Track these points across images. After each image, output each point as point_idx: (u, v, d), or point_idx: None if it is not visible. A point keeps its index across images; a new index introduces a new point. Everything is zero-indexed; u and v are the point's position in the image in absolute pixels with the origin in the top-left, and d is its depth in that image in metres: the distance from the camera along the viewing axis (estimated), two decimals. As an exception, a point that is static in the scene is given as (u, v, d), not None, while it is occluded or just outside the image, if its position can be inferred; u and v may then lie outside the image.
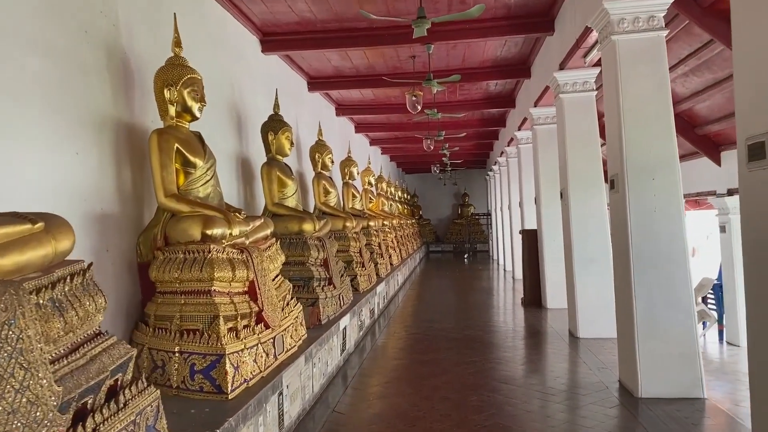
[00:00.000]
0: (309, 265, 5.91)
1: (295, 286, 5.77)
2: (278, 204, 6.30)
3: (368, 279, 8.55)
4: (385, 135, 16.14)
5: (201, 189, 4.20)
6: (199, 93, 4.25)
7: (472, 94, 11.39)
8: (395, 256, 12.82)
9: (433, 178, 26.14)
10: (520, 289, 11.81)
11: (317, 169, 8.65)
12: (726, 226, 7.31)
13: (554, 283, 9.18)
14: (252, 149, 6.83)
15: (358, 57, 8.66)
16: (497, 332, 7.54)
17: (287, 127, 6.47)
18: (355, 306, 6.85)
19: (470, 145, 18.81)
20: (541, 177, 9.36)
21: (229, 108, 6.35)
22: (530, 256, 9.86)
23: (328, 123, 11.32)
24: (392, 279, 11.04)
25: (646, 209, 4.73)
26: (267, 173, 6.29)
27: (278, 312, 4.24)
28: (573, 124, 7.11)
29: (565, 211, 7.29)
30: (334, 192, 8.70)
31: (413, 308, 9.91)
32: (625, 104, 4.80)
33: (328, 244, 6.45)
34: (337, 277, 6.51)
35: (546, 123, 9.37)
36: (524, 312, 9.19)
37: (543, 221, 9.31)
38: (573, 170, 7.08)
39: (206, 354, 3.42)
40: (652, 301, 4.69)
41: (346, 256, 8.14)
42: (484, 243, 25.13)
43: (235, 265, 3.79)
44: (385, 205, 15.37)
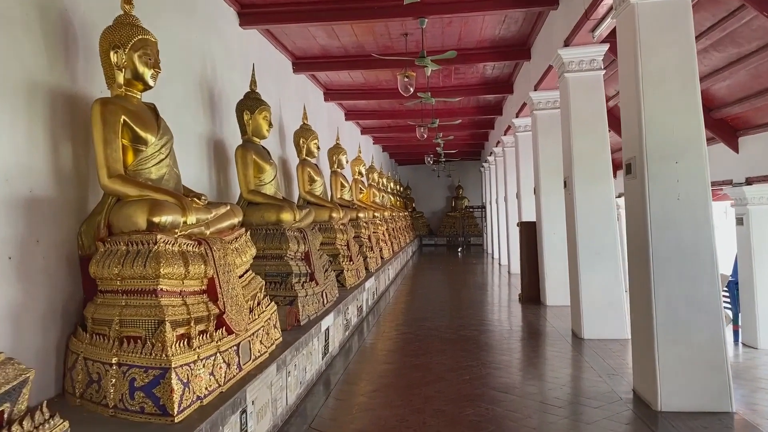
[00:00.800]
0: (287, 259, 5.31)
1: (272, 282, 5.18)
2: (254, 191, 5.68)
3: (356, 274, 7.96)
4: (377, 123, 15.51)
5: (153, 169, 3.58)
6: (152, 58, 3.63)
7: (468, 78, 10.78)
8: (386, 249, 12.24)
9: (426, 170, 25.52)
10: (516, 284, 11.25)
11: (302, 155, 8.04)
12: (744, 218, 6.78)
13: (554, 279, 8.63)
14: (227, 131, 6.21)
15: (346, 34, 8.03)
16: (494, 332, 6.97)
17: (265, 106, 5.84)
18: (341, 304, 6.26)
19: (465, 135, 18.20)
20: (542, 166, 8.78)
21: (200, 84, 5.72)
22: (528, 249, 9.30)
23: (315, 108, 10.69)
24: (383, 273, 10.45)
25: (668, 196, 4.15)
26: (242, 156, 5.67)
27: (244, 314, 3.64)
28: (578, 106, 6.52)
29: (569, 202, 6.71)
30: (320, 180, 8.09)
31: (405, 304, 9.33)
32: (646, 78, 4.21)
33: (311, 236, 5.85)
34: (321, 272, 5.91)
35: (547, 108, 8.78)
36: (522, 309, 8.62)
37: (543, 213, 8.74)
38: (578, 157, 6.50)
39: (148, 367, 2.81)
40: (674, 300, 4.12)
41: (331, 249, 7.54)
42: (478, 236, 24.57)
43: (189, 259, 3.18)
44: (377, 196, 14.76)
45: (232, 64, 6.57)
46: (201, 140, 5.61)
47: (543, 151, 8.78)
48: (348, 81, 10.79)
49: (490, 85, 11.25)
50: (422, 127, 12.47)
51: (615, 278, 6.42)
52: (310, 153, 8.01)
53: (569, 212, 6.75)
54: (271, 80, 8.06)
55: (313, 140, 8.00)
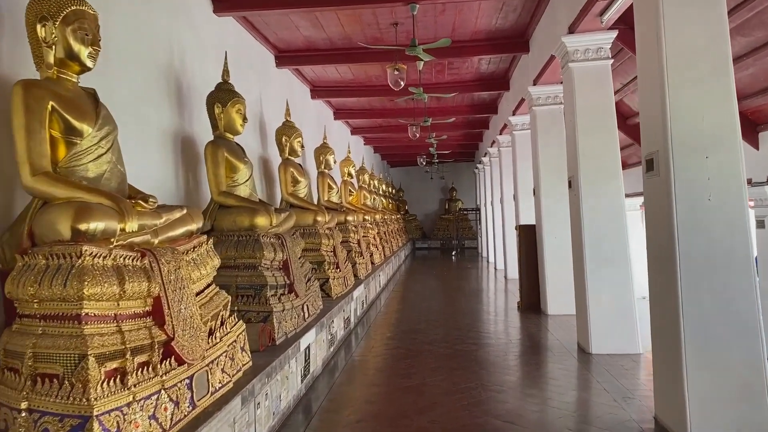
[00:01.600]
0: (262, 269, 4.71)
1: (243, 296, 4.59)
2: (226, 193, 5.08)
3: (343, 282, 7.36)
4: (368, 123, 14.94)
5: (91, 166, 2.98)
6: (89, 33, 3.03)
7: (462, 74, 10.22)
8: (377, 254, 11.65)
9: (419, 172, 24.98)
10: (514, 290, 10.70)
11: (284, 154, 7.46)
12: (765, 221, 6.29)
13: (556, 286, 8.08)
14: (198, 127, 5.61)
15: (332, 24, 7.45)
16: (493, 346, 6.40)
17: (238, 99, 5.25)
18: (324, 317, 5.66)
19: (458, 135, 17.65)
20: (542, 165, 8.23)
21: (166, 74, 5.13)
22: (527, 254, 8.74)
23: (302, 106, 10.11)
24: (373, 280, 9.87)
25: (698, 196, 3.59)
26: (212, 154, 5.07)
27: (201, 339, 3.04)
28: (585, 98, 5.96)
29: (575, 204, 6.15)
30: (304, 181, 7.50)
31: (396, 314, 8.74)
32: (670, 60, 3.65)
33: (290, 243, 5.25)
34: (301, 282, 5.32)
35: (547, 103, 8.23)
36: (522, 319, 8.06)
37: (543, 215, 8.18)
38: (584, 154, 5.94)
39: (64, 415, 2.21)
40: (706, 314, 3.56)
41: (316, 255, 6.95)
42: (472, 239, 24.02)
43: (126, 275, 2.58)
44: (368, 198, 14.16)
45: (204, 54, 5.98)
46: (165, 136, 5.01)
47: (543, 150, 8.22)
48: (336, 77, 10.21)
49: (486, 82, 10.69)
50: (414, 126, 11.91)
51: (625, 287, 5.87)
52: (294, 152, 7.43)
53: (574, 215, 6.20)
54: (252, 74, 7.47)
55: (297, 138, 7.43)
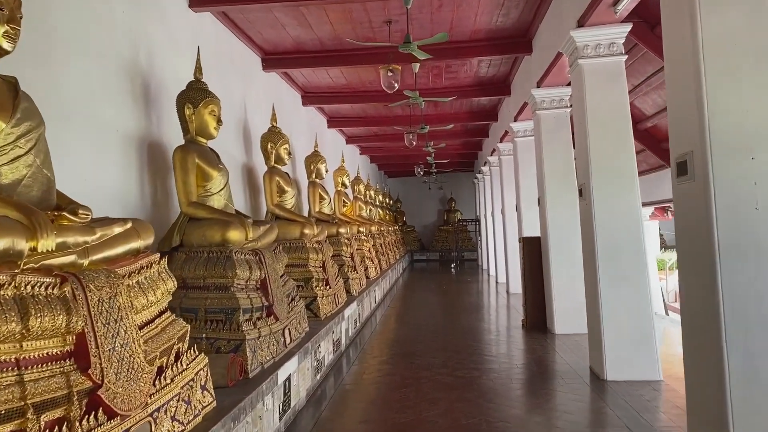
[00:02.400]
0: (234, 290, 4.13)
1: (213, 321, 4.02)
2: (197, 204, 4.52)
3: (333, 300, 6.78)
4: (363, 131, 14.42)
5: (5, 170, 2.42)
6: (4, 8, 2.48)
7: (461, 78, 9.70)
8: (373, 268, 11.07)
9: (417, 183, 24.45)
10: (517, 306, 10.12)
11: (270, 162, 6.93)
12: None
13: (564, 303, 7.51)
14: (169, 131, 5.06)
15: (321, 23, 6.93)
16: (498, 372, 5.80)
17: (212, 99, 4.70)
18: (309, 341, 5.07)
19: (457, 144, 17.13)
20: (547, 173, 7.67)
21: (129, 72, 4.57)
22: (532, 268, 8.17)
23: (292, 113, 9.58)
24: (368, 296, 9.28)
25: (742, 203, 3.03)
26: (181, 160, 4.51)
27: (143, 382, 2.45)
28: (597, 98, 5.42)
29: (586, 214, 5.59)
30: (291, 191, 6.96)
31: (392, 333, 8.15)
32: (707, 46, 3.10)
33: (270, 259, 4.68)
34: (283, 303, 4.74)
35: (552, 107, 7.69)
36: (527, 338, 7.47)
37: (549, 227, 7.62)
38: (597, 159, 5.39)
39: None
40: (754, 347, 2.99)
41: (303, 272, 6.38)
42: (472, 251, 23.44)
43: (32, 308, 2.00)
44: (363, 209, 13.62)
45: (177, 52, 5.44)
46: (128, 140, 4.46)
47: (548, 157, 7.67)
48: (328, 82, 9.68)
49: (485, 86, 10.17)
50: (411, 133, 11.38)
51: (644, 306, 5.29)
52: (280, 160, 6.90)
53: (586, 225, 5.63)
54: (234, 76, 6.94)
55: (283, 145, 6.90)
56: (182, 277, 4.27)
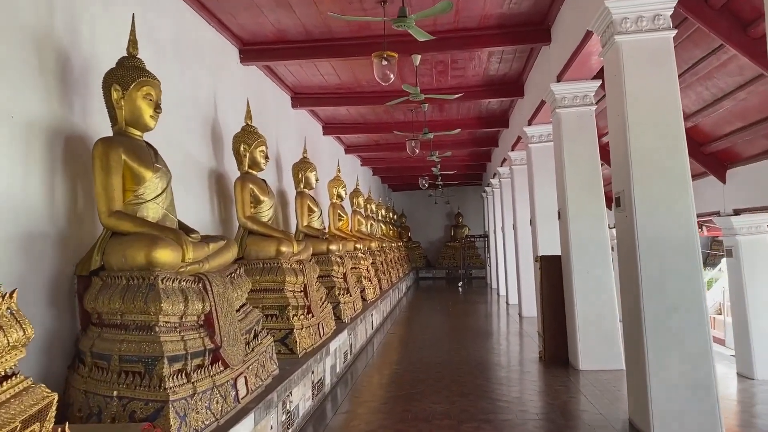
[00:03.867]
0: (160, 331, 3.04)
1: (129, 373, 2.93)
2: (121, 214, 3.45)
3: (316, 331, 5.67)
4: (363, 139, 13.38)
5: None
6: None
7: (468, 76, 8.65)
8: (371, 289, 9.96)
9: (422, 197, 23.37)
10: (531, 332, 8.98)
11: (243, 167, 5.90)
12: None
13: (590, 334, 6.39)
14: (92, 121, 4.00)
15: (304, 4, 5.90)
16: (513, 425, 4.66)
17: (147, 79, 3.67)
18: (276, 390, 3.96)
19: (464, 155, 16.07)
20: (569, 181, 6.57)
21: (39, 41, 3.54)
22: (551, 292, 7.04)
23: (280, 116, 8.59)
24: (363, 322, 8.16)
25: None
26: (102, 156, 3.46)
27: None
28: (639, 84, 4.34)
29: (625, 227, 4.48)
30: (268, 201, 5.90)
31: (390, 368, 7.02)
32: None
33: (220, 286, 3.59)
34: (237, 343, 3.64)
35: (575, 104, 6.61)
36: (546, 376, 6.33)
37: (572, 243, 6.50)
38: (640, 160, 4.29)
39: None
40: None
41: (277, 298, 5.29)
42: (480, 269, 22.25)
43: None
44: (362, 224, 12.56)
45: (114, 23, 4.40)
46: (32, 131, 3.40)
47: (570, 162, 6.58)
48: (319, 81, 8.65)
49: (496, 86, 9.11)
50: (413, 141, 10.33)
51: (701, 344, 4.17)
52: (255, 164, 5.96)
53: (625, 242, 4.52)
54: (202, 67, 5.94)
55: (259, 147, 5.99)
56: (97, 311, 3.20)
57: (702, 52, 5.38)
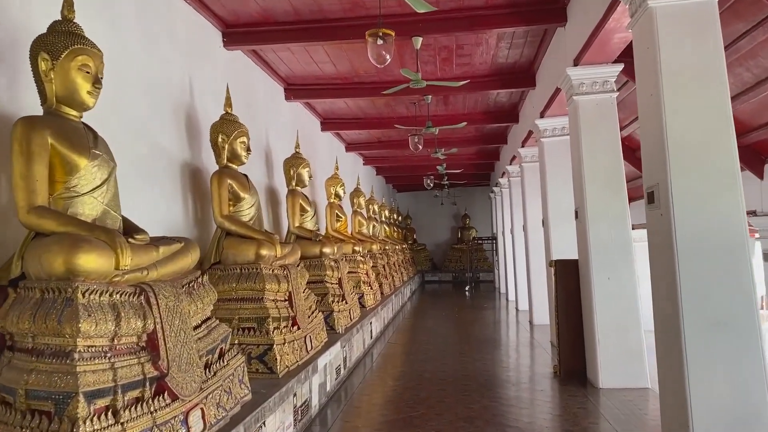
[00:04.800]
0: (78, 358, 2.38)
1: (37, 413, 2.27)
2: (44, 210, 2.80)
3: (302, 345, 5.00)
4: (364, 136, 12.73)
5: None
6: None
7: (475, 64, 7.97)
8: (370, 295, 9.30)
9: (428, 197, 22.68)
10: (544, 342, 8.29)
11: (222, 161, 5.27)
12: None
13: (612, 348, 5.70)
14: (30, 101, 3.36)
15: (289, -23, 5.26)
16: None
17: (83, 48, 3.01)
18: (241, 424, 3.30)
19: (471, 153, 15.38)
20: (587, 176, 5.89)
21: None
22: (567, 300, 6.36)
23: (270, 108, 7.96)
24: (360, 332, 7.50)
25: None
26: (22, 140, 2.81)
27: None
28: (677, 58, 3.65)
29: (660, 227, 3.80)
30: (250, 199, 5.27)
31: (388, 384, 6.36)
32: None
33: (169, 300, 2.93)
34: (191, 368, 2.97)
35: (594, 91, 5.94)
36: (562, 395, 5.64)
37: (591, 246, 5.81)
38: (679, 147, 3.61)
39: None
40: None
41: (255, 309, 4.64)
42: (488, 272, 21.51)
43: None
44: (363, 225, 11.89)
45: None
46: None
47: (589, 155, 5.89)
48: (314, 70, 8.00)
49: (505, 76, 8.43)
50: (416, 136, 9.68)
51: (755, 364, 3.48)
52: (236, 157, 5.27)
53: (660, 244, 3.83)
54: (175, 49, 5.29)
55: (239, 138, 5.36)
56: (8, 331, 2.55)
57: (745, 26, 4.69)
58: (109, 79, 3.67)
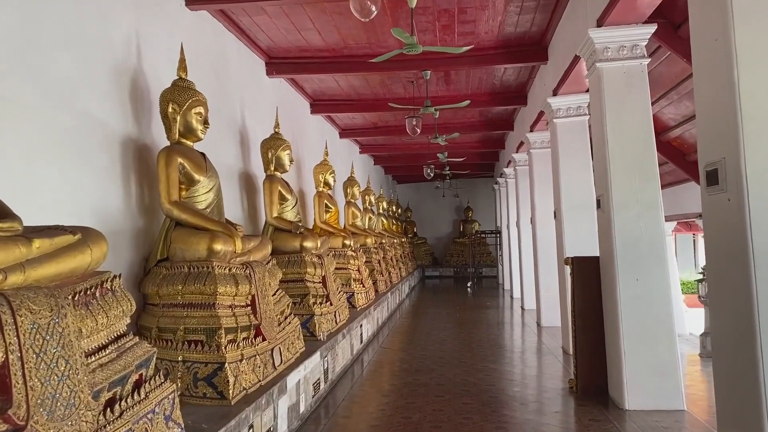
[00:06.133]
0: None
1: None
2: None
3: (267, 361, 4.08)
4: (359, 121, 11.79)
5: None
6: None
7: (480, 34, 7.00)
8: (362, 293, 8.41)
9: (429, 189, 21.76)
10: (553, 347, 7.42)
11: (174, 135, 4.38)
12: None
13: (640, 361, 4.82)
14: None
15: None
16: None
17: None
18: None
19: (474, 141, 14.45)
20: (613, 158, 4.97)
21: None
22: (586, 303, 5.46)
23: (256, 86, 7.08)
24: (347, 338, 6.59)
25: None
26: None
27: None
28: None
29: (726, 216, 2.87)
30: (207, 182, 4.39)
31: (376, 404, 5.46)
32: None
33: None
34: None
35: (622, 57, 5.03)
36: (581, 418, 4.74)
37: (616, 241, 4.90)
38: (758, 108, 2.68)
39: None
40: None
41: (204, 318, 3.72)
42: (491, 267, 20.61)
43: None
44: (358, 217, 10.99)
45: None
46: None
47: (616, 131, 4.97)
48: (297, 41, 7.06)
49: (514, 49, 7.47)
50: (414, 118, 8.76)
51: None
52: (190, 131, 4.39)
53: (724, 239, 2.91)
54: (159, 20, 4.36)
55: (195, 107, 4.41)
56: None
57: None
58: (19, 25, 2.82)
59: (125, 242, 4.10)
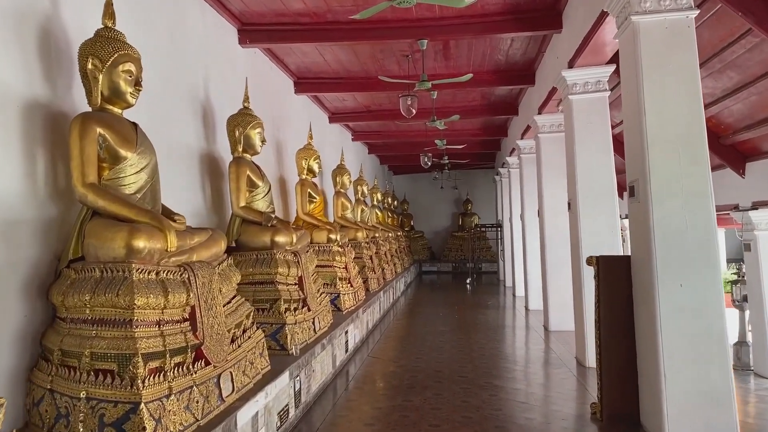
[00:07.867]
0: None
1: None
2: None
3: (210, 392, 3.12)
4: (349, 103, 10.79)
5: None
6: None
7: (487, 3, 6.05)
8: (349, 294, 7.46)
9: (427, 181, 20.79)
10: (565, 356, 6.51)
11: (95, 101, 3.46)
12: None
13: (684, 385, 3.90)
14: None
15: None
16: None
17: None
18: None
19: (475, 128, 13.48)
20: (651, 134, 4.00)
21: None
22: (613, 311, 4.52)
23: (227, 57, 6.10)
24: (327, 349, 5.63)
25: None
26: None
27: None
28: None
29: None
30: (138, 160, 3.49)
31: (361, 421, 4.52)
32: None
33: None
34: None
35: (664, 8, 4.02)
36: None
37: (655, 238, 3.94)
38: None
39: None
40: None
41: (112, 341, 2.75)
42: (491, 262, 19.67)
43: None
44: (348, 209, 10.02)
45: None
46: None
47: (656, 100, 4.00)
48: (274, 3, 6.08)
49: (522, 16, 6.48)
50: (409, 97, 7.78)
51: None
52: (118, 96, 3.33)
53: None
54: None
55: (124, 65, 3.35)
56: None
57: None
58: None
59: (27, 235, 3.12)
